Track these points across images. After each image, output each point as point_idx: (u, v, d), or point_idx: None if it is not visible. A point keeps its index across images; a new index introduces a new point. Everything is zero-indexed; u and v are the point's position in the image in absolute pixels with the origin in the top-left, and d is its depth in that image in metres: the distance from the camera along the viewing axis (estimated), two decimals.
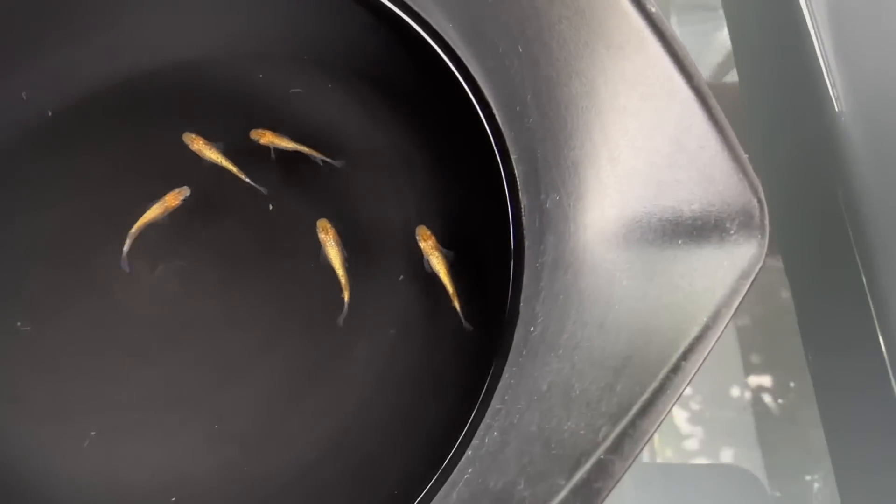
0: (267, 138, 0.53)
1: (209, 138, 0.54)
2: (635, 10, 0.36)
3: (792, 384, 0.65)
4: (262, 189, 0.53)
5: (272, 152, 0.54)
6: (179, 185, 0.53)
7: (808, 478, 0.64)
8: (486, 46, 0.47)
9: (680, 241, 0.35)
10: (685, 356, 0.31)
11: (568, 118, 0.40)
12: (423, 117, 0.55)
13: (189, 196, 0.52)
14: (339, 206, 0.55)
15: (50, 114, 0.56)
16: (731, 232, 0.34)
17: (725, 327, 0.32)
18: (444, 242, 0.51)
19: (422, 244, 0.50)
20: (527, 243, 0.46)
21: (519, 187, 0.47)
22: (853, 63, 0.59)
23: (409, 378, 0.50)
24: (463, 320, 0.48)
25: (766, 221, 0.34)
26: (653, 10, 0.36)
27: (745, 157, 0.35)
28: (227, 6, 0.58)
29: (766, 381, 0.65)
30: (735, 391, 0.65)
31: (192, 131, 0.54)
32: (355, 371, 0.50)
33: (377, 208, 0.55)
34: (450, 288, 0.49)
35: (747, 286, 0.33)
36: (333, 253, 0.50)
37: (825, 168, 0.59)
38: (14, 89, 0.56)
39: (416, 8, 0.52)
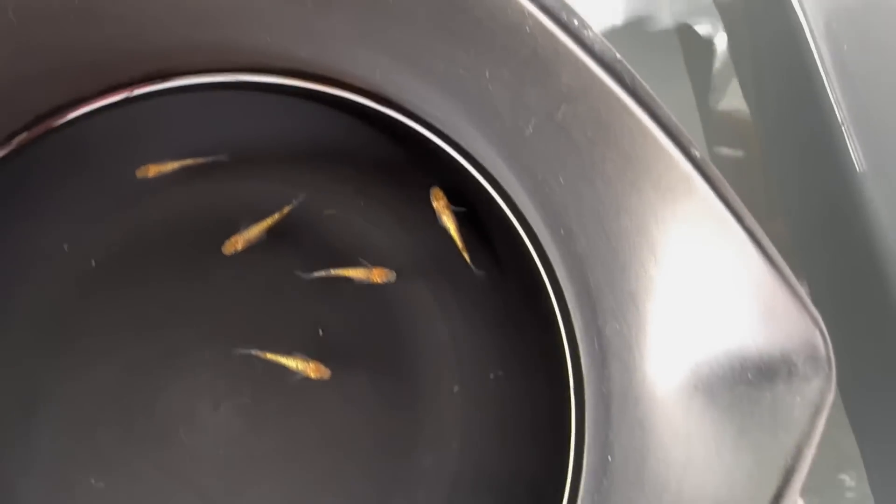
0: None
1: (252, 266, 0.55)
2: (682, 156, 0.38)
3: None
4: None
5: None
6: (234, 318, 0.54)
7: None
8: (523, 170, 0.49)
9: (750, 376, 0.37)
10: (777, 500, 0.33)
11: (620, 251, 0.42)
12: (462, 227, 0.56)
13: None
14: (386, 322, 0.57)
15: (93, 263, 0.57)
16: (799, 366, 0.36)
17: (810, 465, 0.34)
18: (494, 349, 0.52)
19: (435, 204, 0.55)
20: (586, 363, 0.47)
21: (570, 308, 0.49)
22: (873, 122, 0.61)
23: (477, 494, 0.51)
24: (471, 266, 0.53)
25: (832, 354, 0.36)
26: (698, 154, 0.38)
27: (802, 290, 0.37)
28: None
29: None
30: None
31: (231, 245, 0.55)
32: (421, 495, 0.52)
33: (424, 321, 0.56)
34: (458, 242, 0.54)
35: (822, 422, 0.35)
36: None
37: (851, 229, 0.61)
38: (56, 241, 0.57)
39: (445, 129, 0.54)
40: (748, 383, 0.37)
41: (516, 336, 0.54)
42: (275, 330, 0.56)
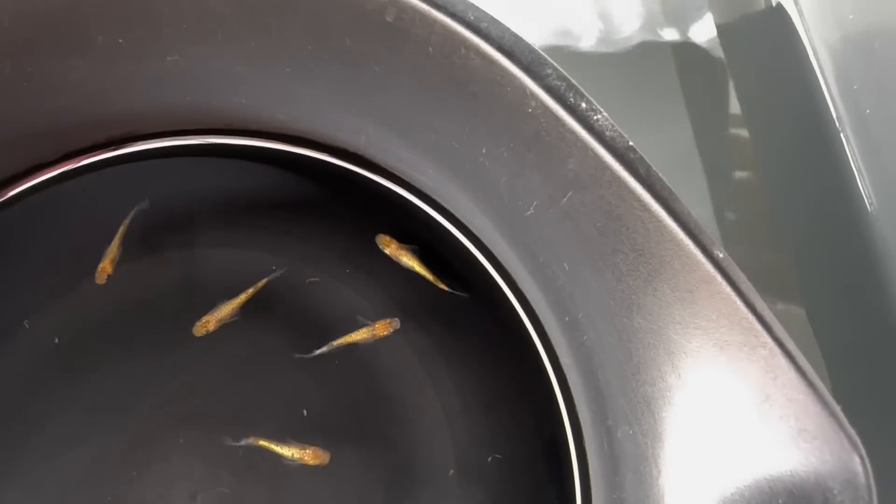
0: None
1: (228, 343, 0.51)
2: (703, 256, 0.34)
3: None
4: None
5: None
6: (210, 400, 0.50)
7: None
8: (523, 250, 0.45)
9: (781, 501, 0.34)
10: None
11: (633, 350, 0.38)
12: (454, 299, 0.53)
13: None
14: (374, 397, 0.53)
15: (56, 341, 0.52)
16: (836, 493, 0.33)
17: None
18: (489, 441, 0.49)
19: (387, 251, 0.52)
20: (595, 464, 0.44)
21: (575, 399, 0.45)
22: (885, 164, 0.58)
23: None
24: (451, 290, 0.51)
25: (872, 481, 0.32)
26: (721, 255, 0.34)
27: (838, 408, 0.33)
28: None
29: None
30: None
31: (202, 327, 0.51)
32: None
33: (415, 397, 0.52)
34: (428, 274, 0.52)
35: None
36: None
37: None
38: (15, 317, 0.52)
39: (436, 198, 0.50)
40: None
41: (514, 419, 0.51)
42: (255, 411, 0.52)
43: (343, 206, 0.53)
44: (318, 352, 0.51)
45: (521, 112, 0.37)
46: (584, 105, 0.36)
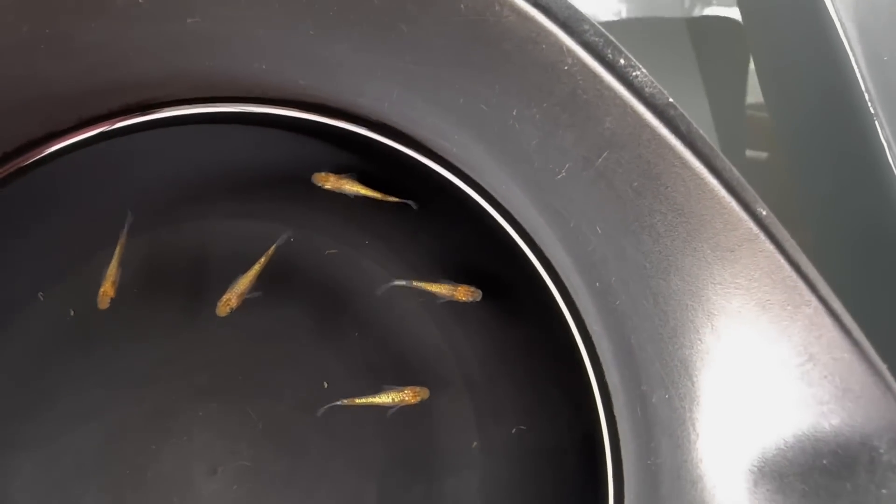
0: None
1: (246, 315, 0.50)
2: (746, 213, 0.34)
3: None
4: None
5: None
6: (230, 372, 0.50)
7: None
8: (552, 215, 0.44)
9: (825, 462, 0.33)
10: None
11: (669, 313, 0.38)
12: (477, 269, 0.52)
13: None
14: (396, 370, 0.52)
15: (72, 313, 0.51)
16: (882, 452, 0.32)
17: None
18: (513, 413, 0.48)
19: (328, 186, 0.50)
20: (624, 431, 0.43)
21: (604, 366, 0.45)
22: None
23: None
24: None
25: None
26: (764, 213, 0.34)
27: (884, 367, 0.33)
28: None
29: None
30: None
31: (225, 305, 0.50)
32: None
33: (438, 367, 0.52)
34: (374, 194, 0.50)
35: None
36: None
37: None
38: (30, 290, 0.51)
39: (460, 165, 0.49)
40: (824, 471, 0.33)
41: (540, 390, 0.50)
42: (275, 384, 0.51)
43: (364, 176, 0.52)
44: (396, 283, 0.50)
45: (556, 70, 0.36)
46: (622, 61, 0.35)
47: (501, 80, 0.39)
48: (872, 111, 0.56)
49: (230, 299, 0.48)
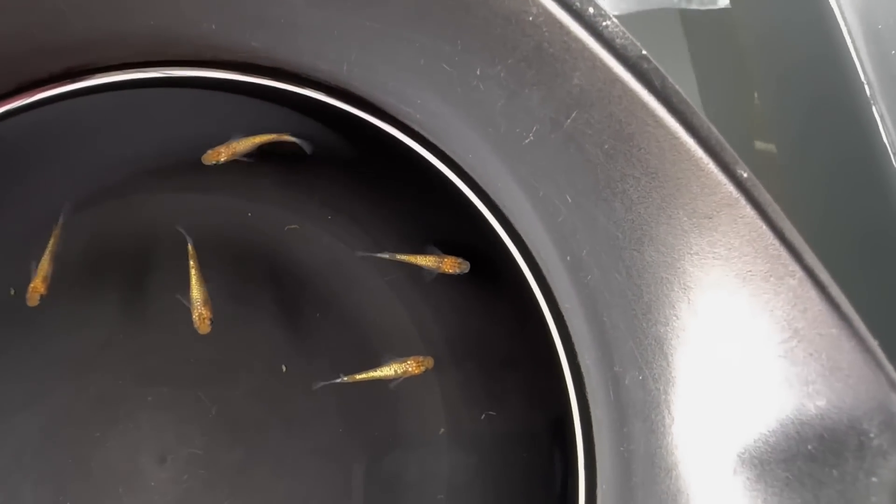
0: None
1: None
2: (725, 176, 0.31)
3: None
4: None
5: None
6: (180, 356, 0.46)
7: None
8: (519, 183, 0.41)
9: (810, 448, 0.30)
10: None
11: (643, 287, 0.35)
12: (445, 244, 0.49)
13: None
14: (358, 351, 0.49)
15: (12, 292, 0.48)
16: (872, 436, 0.29)
17: None
18: (482, 397, 0.45)
19: (223, 158, 0.46)
20: (597, 416, 0.41)
21: (575, 345, 0.42)
22: None
23: None
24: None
25: None
26: (745, 175, 0.31)
27: (874, 343, 0.30)
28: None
29: None
30: None
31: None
32: None
33: (403, 349, 0.49)
34: (264, 138, 0.46)
35: None
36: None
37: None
38: None
39: (423, 132, 0.46)
40: (808, 457, 0.30)
41: (509, 373, 0.47)
42: (230, 368, 0.48)
43: (325, 147, 0.49)
44: (378, 255, 0.47)
45: (520, 22, 0.33)
46: (591, 10, 0.32)
47: (463, 36, 0.36)
48: (874, 106, 0.54)
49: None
